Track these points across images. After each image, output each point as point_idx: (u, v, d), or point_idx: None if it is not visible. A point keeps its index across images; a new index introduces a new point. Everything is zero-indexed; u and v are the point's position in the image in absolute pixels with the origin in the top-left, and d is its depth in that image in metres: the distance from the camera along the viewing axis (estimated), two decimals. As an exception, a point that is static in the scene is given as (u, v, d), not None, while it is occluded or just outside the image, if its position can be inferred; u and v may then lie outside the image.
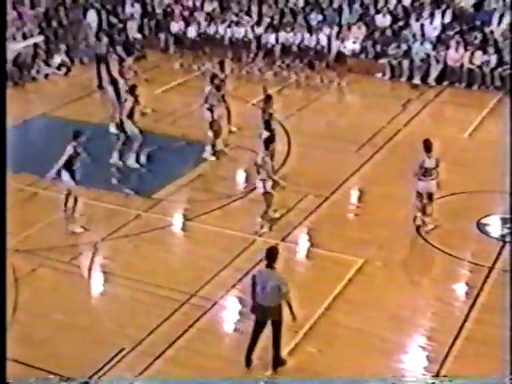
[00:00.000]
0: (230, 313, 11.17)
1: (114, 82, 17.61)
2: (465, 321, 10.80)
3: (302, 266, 12.80)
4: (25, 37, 23.28)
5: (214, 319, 11.00)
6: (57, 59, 23.12)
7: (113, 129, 17.35)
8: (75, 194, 13.32)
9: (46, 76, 22.62)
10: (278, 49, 23.27)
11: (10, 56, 21.68)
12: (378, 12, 23.34)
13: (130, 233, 13.37)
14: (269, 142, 13.77)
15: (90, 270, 12.27)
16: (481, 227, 13.36)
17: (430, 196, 13.10)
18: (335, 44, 22.79)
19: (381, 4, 23.57)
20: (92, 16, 25.15)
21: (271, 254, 9.43)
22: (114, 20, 25.49)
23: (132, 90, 16.15)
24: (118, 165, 16.08)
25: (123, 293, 11.64)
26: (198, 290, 11.48)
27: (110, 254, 12.80)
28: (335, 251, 12.68)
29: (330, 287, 11.57)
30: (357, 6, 23.75)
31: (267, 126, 15.40)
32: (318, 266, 12.53)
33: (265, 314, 9.50)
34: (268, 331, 9.61)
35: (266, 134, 14.93)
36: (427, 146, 12.88)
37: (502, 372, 9.47)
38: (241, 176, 16.10)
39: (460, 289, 11.87)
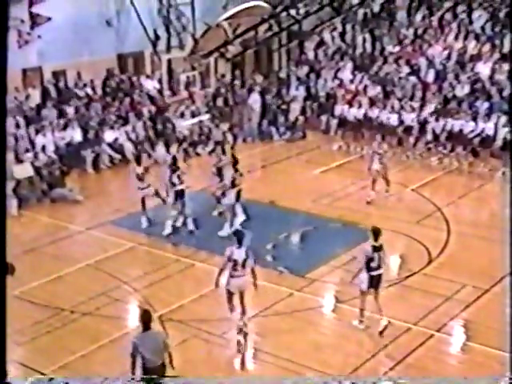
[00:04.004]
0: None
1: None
2: None
3: (456, 359, 12.22)
4: (193, 115, 24.41)
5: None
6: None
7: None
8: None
9: (211, 152, 23.35)
10: (441, 135, 22.96)
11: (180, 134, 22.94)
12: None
13: (281, 311, 13.36)
14: None
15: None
16: None
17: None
18: (502, 132, 22.17)
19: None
20: (254, 97, 26.04)
21: (144, 318, 9.85)
22: (277, 102, 26.27)
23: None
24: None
25: (271, 371, 11.55)
26: (347, 376, 11.21)
27: (260, 330, 12.80)
28: (492, 347, 12.02)
29: (487, 385, 10.95)
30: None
31: None
32: (473, 361, 11.93)
33: (154, 374, 9.61)
34: None
35: None
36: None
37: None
38: (396, 261, 15.78)
39: None
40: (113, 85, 25.18)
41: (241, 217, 17.18)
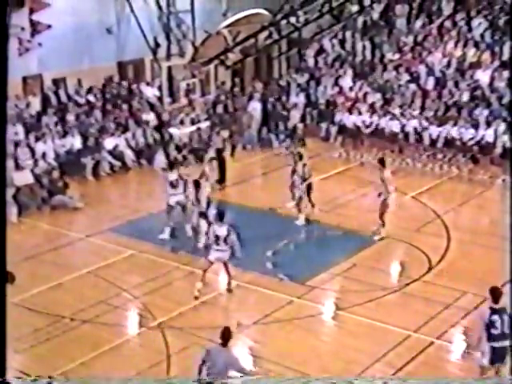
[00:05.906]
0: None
1: None
2: None
3: (456, 366, 12.20)
4: (193, 122, 24.41)
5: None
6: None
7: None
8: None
9: (211, 160, 23.31)
10: (440, 142, 22.97)
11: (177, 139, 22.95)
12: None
13: (281, 318, 13.35)
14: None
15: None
16: None
17: None
18: (502, 139, 22.16)
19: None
20: (254, 105, 26.08)
21: (224, 335, 9.85)
22: (277, 109, 26.30)
23: None
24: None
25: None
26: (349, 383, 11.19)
27: (260, 338, 12.79)
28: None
29: (488, 393, 10.92)
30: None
31: None
32: (473, 369, 11.88)
33: None
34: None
35: None
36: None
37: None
38: (396, 269, 15.79)
39: None
40: (113, 92, 25.21)
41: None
